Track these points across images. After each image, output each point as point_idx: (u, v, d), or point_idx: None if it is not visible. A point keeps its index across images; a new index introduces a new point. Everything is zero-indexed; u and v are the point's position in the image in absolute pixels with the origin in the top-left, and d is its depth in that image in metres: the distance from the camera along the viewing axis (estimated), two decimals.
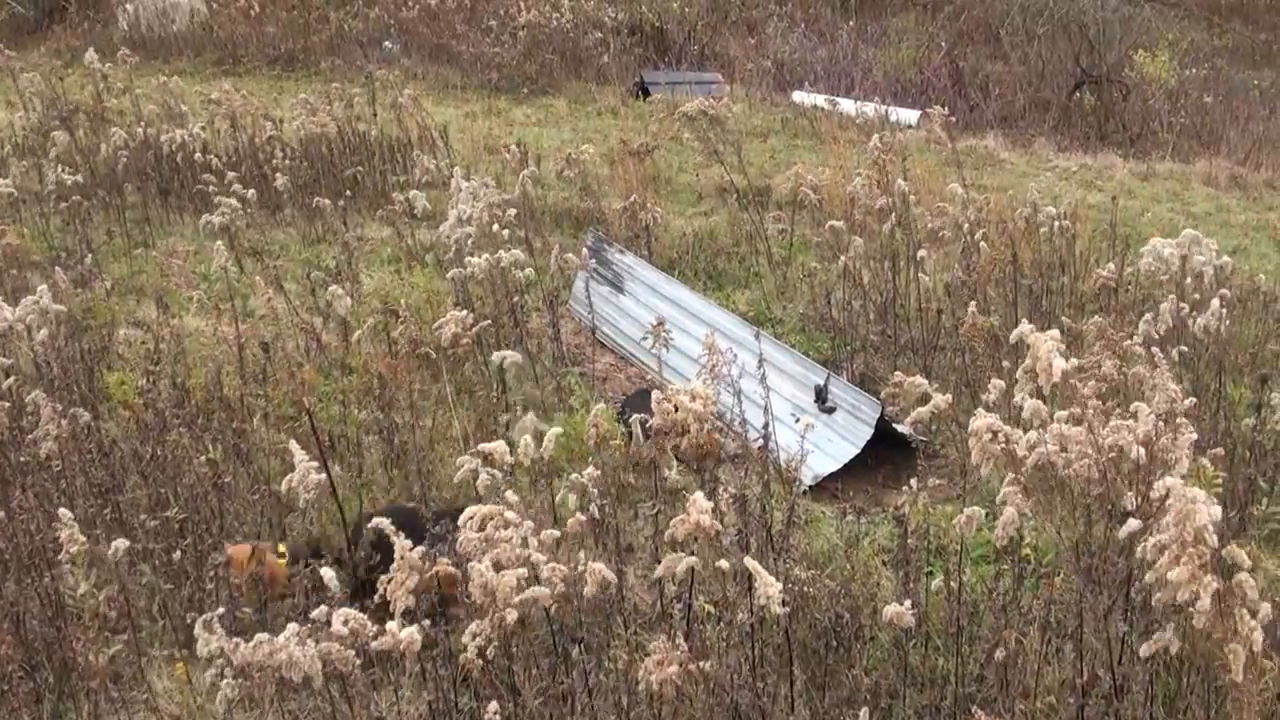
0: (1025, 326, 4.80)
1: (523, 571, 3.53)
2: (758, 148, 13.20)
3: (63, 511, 4.29)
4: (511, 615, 3.46)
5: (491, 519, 3.83)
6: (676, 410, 4.30)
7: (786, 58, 18.08)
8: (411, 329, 6.72)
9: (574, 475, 5.04)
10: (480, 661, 3.71)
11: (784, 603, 3.58)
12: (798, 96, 16.18)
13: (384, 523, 4.02)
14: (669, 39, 18.68)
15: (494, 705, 3.65)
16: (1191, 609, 3.28)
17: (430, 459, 5.74)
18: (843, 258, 8.10)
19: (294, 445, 4.40)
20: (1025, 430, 4.28)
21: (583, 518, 4.18)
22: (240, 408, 5.98)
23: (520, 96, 15.55)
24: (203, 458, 5.37)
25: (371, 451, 6.03)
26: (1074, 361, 4.83)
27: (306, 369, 6.40)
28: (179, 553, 4.98)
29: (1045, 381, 4.38)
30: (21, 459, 5.29)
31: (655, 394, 4.52)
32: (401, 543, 3.83)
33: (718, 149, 10.39)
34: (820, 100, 15.12)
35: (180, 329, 7.32)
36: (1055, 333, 4.52)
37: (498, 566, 3.54)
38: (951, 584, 4.53)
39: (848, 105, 14.54)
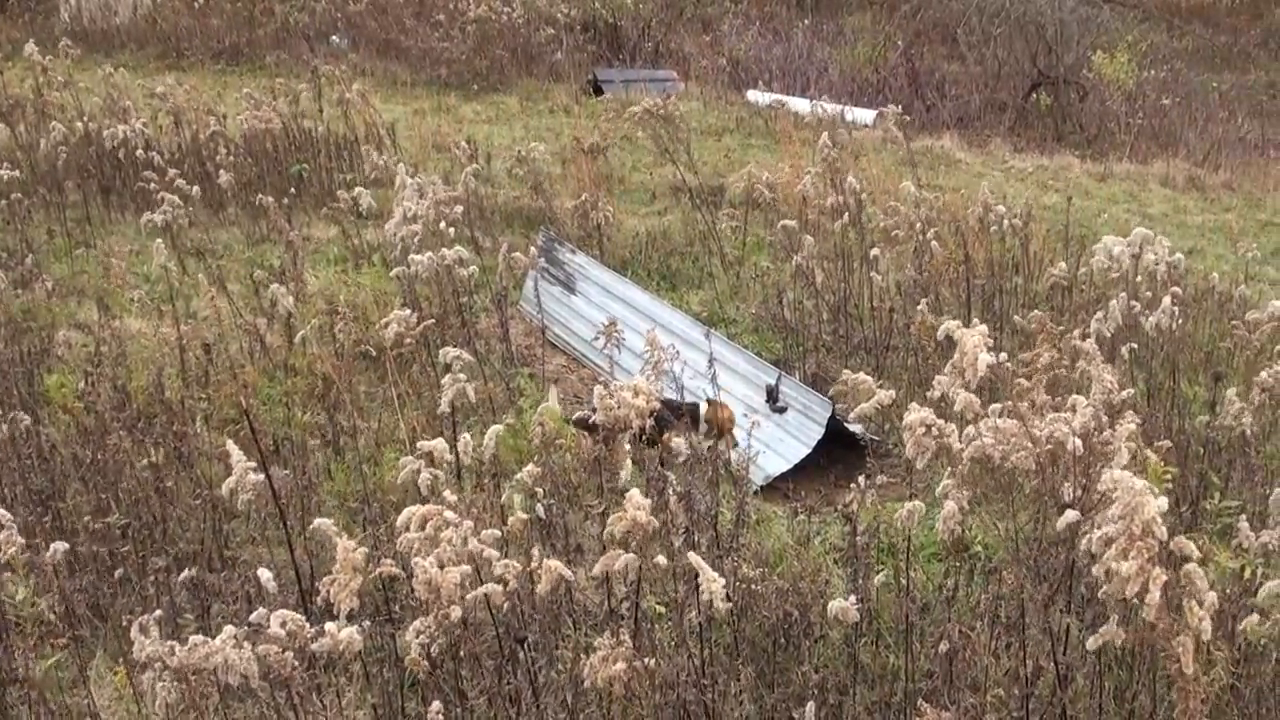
0: (952, 323, 4.79)
1: (466, 569, 3.46)
2: (712, 146, 13.17)
3: (1, 512, 4.18)
4: (455, 612, 3.40)
5: (430, 519, 3.76)
6: (619, 407, 4.24)
7: (742, 55, 18.08)
8: (355, 329, 6.63)
9: (519, 476, 4.99)
10: (426, 664, 3.65)
11: (728, 598, 3.54)
12: (753, 95, 16.17)
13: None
14: (623, 36, 18.63)
15: (436, 705, 3.59)
16: (1139, 602, 3.25)
17: (375, 460, 5.65)
18: (796, 257, 8.06)
19: (231, 446, 4.31)
20: (959, 424, 4.26)
21: (525, 517, 4.11)
22: (182, 410, 5.88)
23: (470, 93, 15.46)
24: (144, 461, 5.27)
25: (316, 454, 5.93)
26: (1004, 356, 4.83)
27: (249, 370, 6.29)
28: (121, 559, 4.88)
29: (971, 376, 4.39)
30: None
31: (597, 389, 4.46)
32: (344, 544, 3.75)
33: (670, 148, 10.34)
34: (775, 99, 15.11)
35: (122, 330, 7.20)
36: (983, 328, 4.52)
37: (440, 565, 3.47)
38: (900, 580, 4.50)
39: (803, 104, 14.53)
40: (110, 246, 9.09)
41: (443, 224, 7.32)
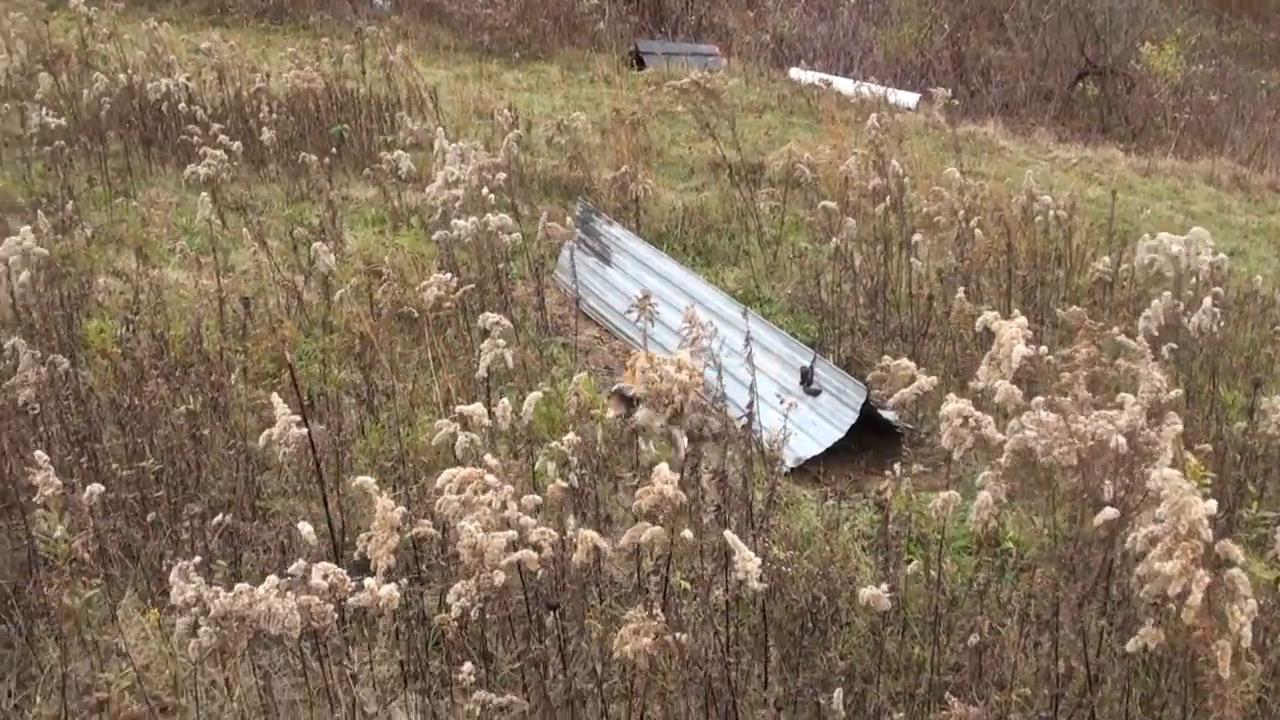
0: (991, 313, 4.75)
1: (512, 534, 3.47)
2: (753, 123, 13.11)
3: (38, 454, 4.20)
4: (499, 577, 3.40)
5: (470, 482, 3.76)
6: (661, 380, 4.22)
7: (786, 33, 17.97)
8: (395, 290, 6.63)
9: (554, 444, 4.98)
10: (456, 624, 3.65)
11: (761, 579, 3.52)
12: (795, 73, 16.08)
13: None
14: (666, 8, 18.55)
15: (468, 666, 3.60)
16: (1181, 603, 3.23)
17: (409, 421, 5.65)
18: (835, 239, 8.01)
19: (275, 398, 4.32)
20: (998, 417, 4.24)
21: (564, 485, 4.12)
22: (220, 361, 5.88)
23: (512, 60, 15.41)
24: (181, 409, 5.28)
25: (350, 411, 5.94)
26: (1044, 350, 4.79)
27: (288, 325, 6.29)
28: (153, 503, 4.91)
29: (1006, 369, 4.35)
30: None
31: (639, 361, 4.44)
32: (384, 502, 3.76)
33: (711, 123, 10.29)
34: (818, 78, 15.02)
35: (160, 280, 7.21)
36: (1022, 320, 4.49)
37: (484, 529, 3.48)
38: (931, 572, 4.48)
39: (846, 84, 14.43)
40: (151, 197, 9.11)
41: (485, 190, 7.29)
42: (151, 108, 10.16)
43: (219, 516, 4.73)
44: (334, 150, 9.77)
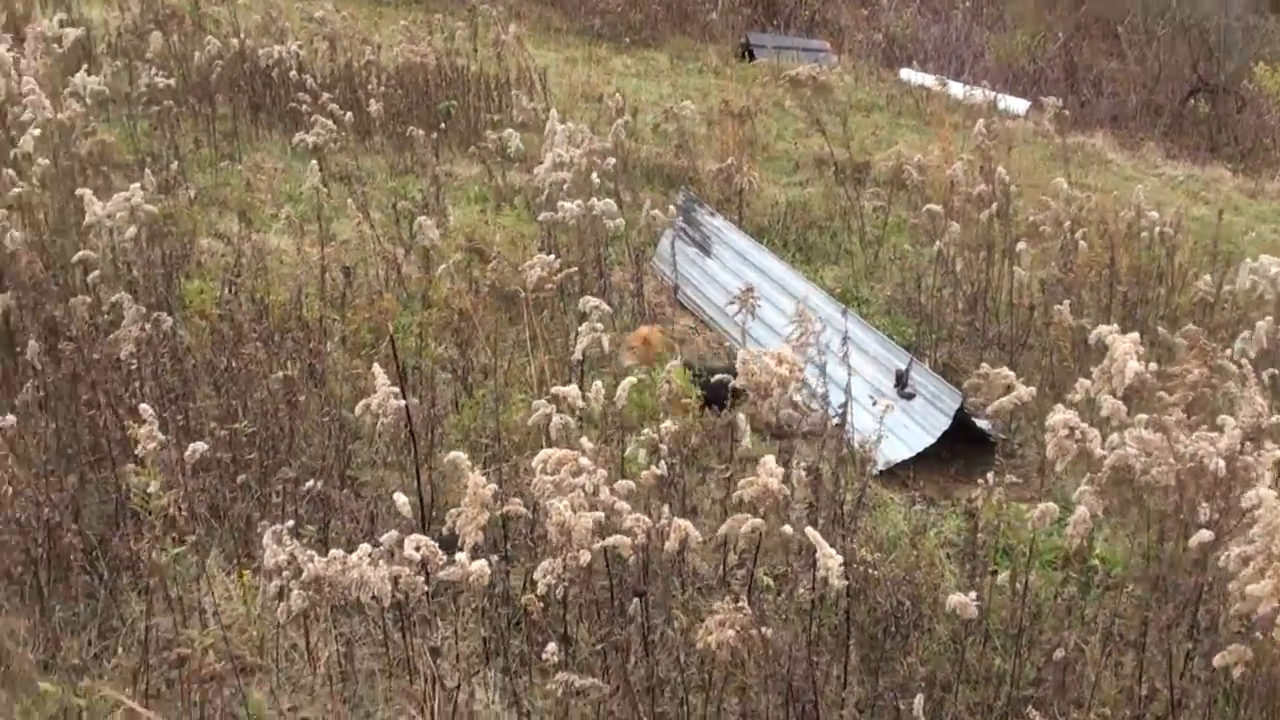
0: (1105, 327, 4.69)
1: (600, 515, 3.48)
2: (861, 122, 12.99)
3: (144, 407, 4.27)
4: (584, 556, 3.41)
5: (565, 464, 3.77)
6: (761, 373, 4.21)
7: (899, 33, 17.80)
8: (502, 268, 6.67)
9: (646, 431, 4.98)
10: (540, 604, 3.67)
11: (844, 577, 3.50)
12: (906, 74, 15.92)
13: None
14: (779, 2, 18.43)
15: (551, 646, 3.62)
16: (1270, 625, 3.17)
17: (504, 400, 5.68)
18: (938, 243, 7.92)
19: (377, 369, 4.37)
20: (1104, 431, 4.18)
21: (658, 473, 4.12)
22: (318, 329, 5.94)
23: (621, 46, 15.41)
24: (278, 374, 5.34)
25: (445, 387, 5.98)
26: (1153, 366, 4.71)
27: (388, 297, 6.35)
28: (244, 465, 4.97)
29: (1119, 383, 4.30)
30: (94, 356, 5.29)
31: (741, 352, 4.43)
32: (475, 478, 3.78)
33: (821, 119, 10.21)
34: (929, 80, 14.86)
35: (261, 245, 7.31)
36: (1135, 335, 4.42)
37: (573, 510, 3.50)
38: (1017, 584, 4.42)
39: (956, 88, 14.26)
40: (256, 162, 9.23)
41: (594, 174, 7.31)
42: (261, 73, 10.26)
43: (309, 482, 4.77)
44: (442, 126, 9.82)
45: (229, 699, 4.00)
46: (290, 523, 3.76)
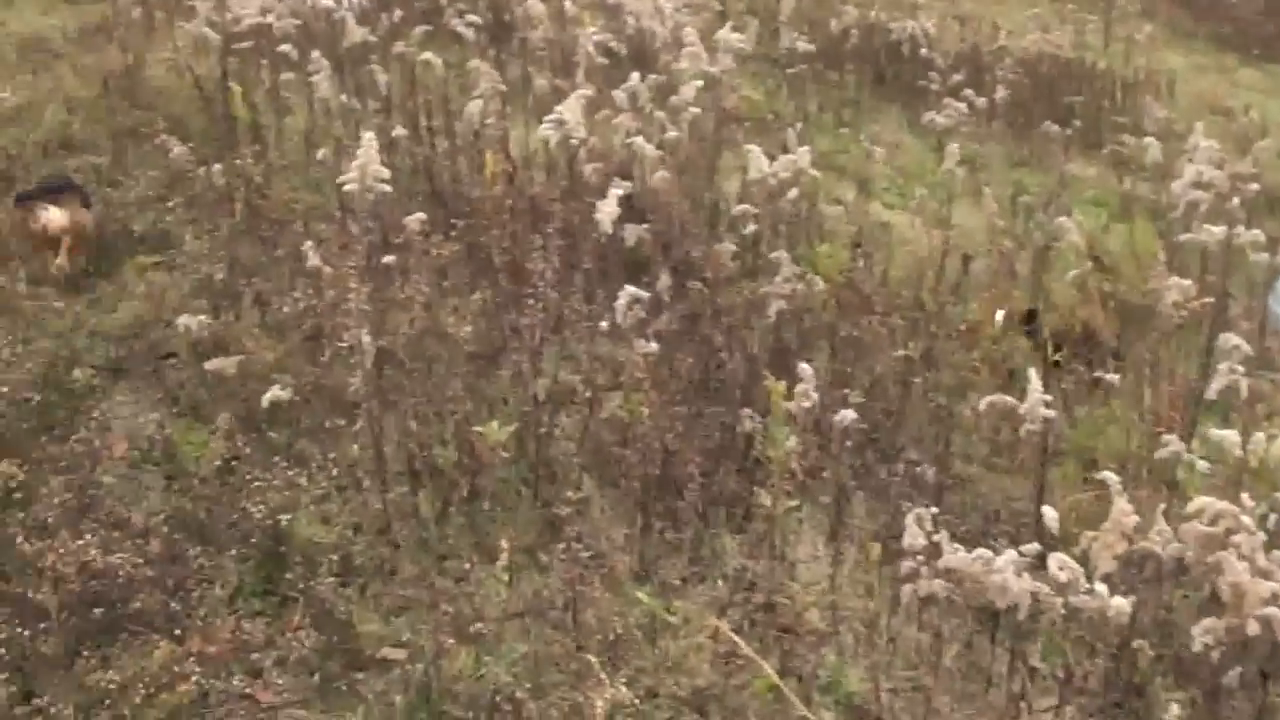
0: None
1: (1276, 586, 3.27)
2: None
3: (803, 366, 4.54)
4: (1252, 626, 3.22)
5: (1224, 518, 3.57)
6: None
7: None
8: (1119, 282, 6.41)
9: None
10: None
11: None
12: None
13: None
14: None
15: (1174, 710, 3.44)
16: None
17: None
18: None
19: (1031, 374, 4.31)
20: None
21: None
22: (939, 314, 5.92)
23: (1249, 57, 14.33)
24: (899, 352, 5.38)
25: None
26: None
27: (1016, 294, 6.25)
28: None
29: None
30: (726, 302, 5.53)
31: None
32: (1121, 505, 3.64)
33: None
34: None
35: (877, 216, 7.36)
36: None
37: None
38: None
39: None
40: (874, 134, 9.29)
41: (1236, 199, 6.84)
42: (889, 47, 10.34)
43: (920, 468, 4.78)
44: (1076, 122, 9.50)
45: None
46: (934, 509, 3.78)
